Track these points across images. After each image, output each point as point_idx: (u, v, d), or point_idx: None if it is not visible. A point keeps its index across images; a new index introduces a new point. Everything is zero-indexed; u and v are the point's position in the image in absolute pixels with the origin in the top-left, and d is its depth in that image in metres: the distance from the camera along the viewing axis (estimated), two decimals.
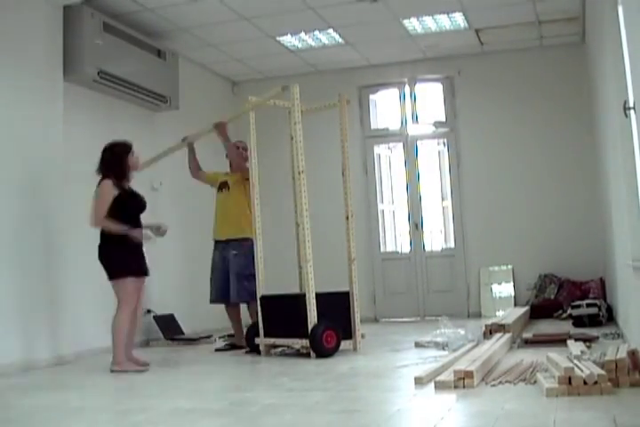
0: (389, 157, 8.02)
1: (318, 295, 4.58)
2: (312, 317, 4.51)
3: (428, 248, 7.65)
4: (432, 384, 3.18)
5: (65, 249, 5.10)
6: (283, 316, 4.80)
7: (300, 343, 4.60)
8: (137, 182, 6.19)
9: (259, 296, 4.92)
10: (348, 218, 5.03)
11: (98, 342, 5.46)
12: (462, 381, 3.12)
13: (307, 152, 4.90)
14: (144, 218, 4.65)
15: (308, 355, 4.55)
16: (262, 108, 5.33)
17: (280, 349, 4.93)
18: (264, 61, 7.44)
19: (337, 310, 4.73)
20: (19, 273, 4.65)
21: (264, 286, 4.97)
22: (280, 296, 4.96)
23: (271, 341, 4.82)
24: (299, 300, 4.65)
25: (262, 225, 4.99)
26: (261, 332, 4.85)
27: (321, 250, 5.29)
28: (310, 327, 4.48)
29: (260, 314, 4.89)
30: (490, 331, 4.64)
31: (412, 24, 6.51)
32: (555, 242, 7.05)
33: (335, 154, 6.87)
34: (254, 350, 4.92)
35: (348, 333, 4.72)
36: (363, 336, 4.85)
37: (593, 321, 5.61)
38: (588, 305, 5.73)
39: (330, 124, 6.21)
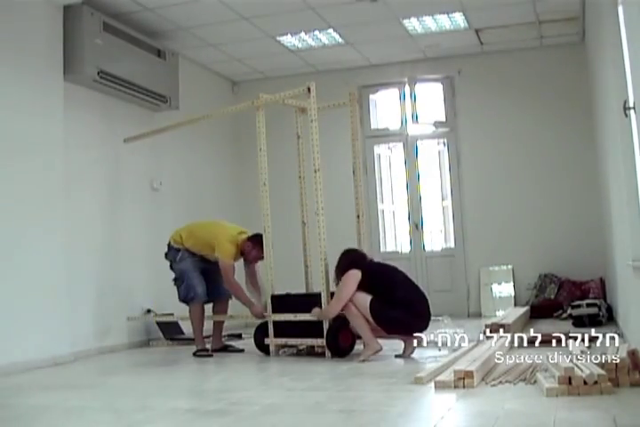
0: (389, 157, 8.01)
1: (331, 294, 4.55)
2: None
3: (428, 248, 7.65)
4: (432, 384, 3.18)
5: (65, 249, 5.10)
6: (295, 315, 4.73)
7: (314, 343, 4.56)
8: (137, 182, 6.24)
9: (269, 295, 4.87)
10: (358, 217, 5.02)
11: (98, 342, 5.48)
12: (462, 381, 3.12)
13: (306, 152, 4.88)
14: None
15: (321, 355, 4.52)
16: (268, 107, 5.29)
17: (285, 349, 4.89)
18: (264, 61, 7.43)
19: None
20: (18, 273, 4.65)
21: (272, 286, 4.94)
22: (292, 295, 4.91)
23: (282, 341, 4.77)
24: (313, 299, 4.60)
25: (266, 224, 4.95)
26: (271, 332, 4.79)
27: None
28: (326, 327, 4.46)
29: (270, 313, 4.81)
30: (490, 331, 4.63)
31: (412, 24, 6.50)
32: (555, 242, 7.04)
33: (336, 154, 6.94)
34: (263, 350, 4.88)
35: None
36: None
37: (593, 321, 5.61)
38: (588, 305, 5.73)
39: (331, 123, 6.22)
